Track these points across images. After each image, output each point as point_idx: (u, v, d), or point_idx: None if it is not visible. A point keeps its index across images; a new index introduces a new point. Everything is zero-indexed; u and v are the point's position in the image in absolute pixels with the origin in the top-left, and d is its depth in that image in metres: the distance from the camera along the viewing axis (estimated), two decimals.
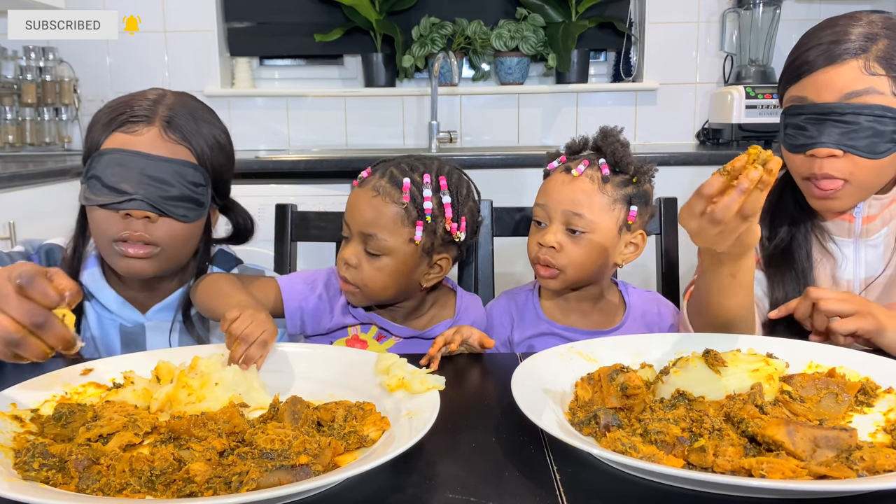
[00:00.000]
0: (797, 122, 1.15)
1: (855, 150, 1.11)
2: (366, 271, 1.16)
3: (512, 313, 1.29)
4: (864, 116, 1.09)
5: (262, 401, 0.86)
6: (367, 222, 1.15)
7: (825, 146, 1.12)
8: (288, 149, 3.11)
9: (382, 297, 1.20)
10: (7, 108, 2.90)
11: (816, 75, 1.13)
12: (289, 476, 0.65)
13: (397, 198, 1.15)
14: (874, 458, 0.67)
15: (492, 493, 0.66)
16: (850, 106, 1.10)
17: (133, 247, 1.09)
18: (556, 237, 1.18)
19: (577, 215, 1.17)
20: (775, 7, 2.89)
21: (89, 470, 0.67)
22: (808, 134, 1.13)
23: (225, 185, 1.21)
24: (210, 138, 1.15)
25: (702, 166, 2.49)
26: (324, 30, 2.99)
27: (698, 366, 0.84)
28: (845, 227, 1.22)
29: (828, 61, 1.12)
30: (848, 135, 1.10)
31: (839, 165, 1.12)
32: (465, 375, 1.02)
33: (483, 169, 2.40)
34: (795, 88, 1.17)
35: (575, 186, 1.18)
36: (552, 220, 1.19)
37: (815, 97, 1.13)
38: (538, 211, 1.22)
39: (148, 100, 1.13)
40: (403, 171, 1.17)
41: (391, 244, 1.15)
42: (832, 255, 1.23)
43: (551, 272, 1.19)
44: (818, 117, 1.12)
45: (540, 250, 1.20)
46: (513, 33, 2.97)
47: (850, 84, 1.10)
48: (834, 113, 1.11)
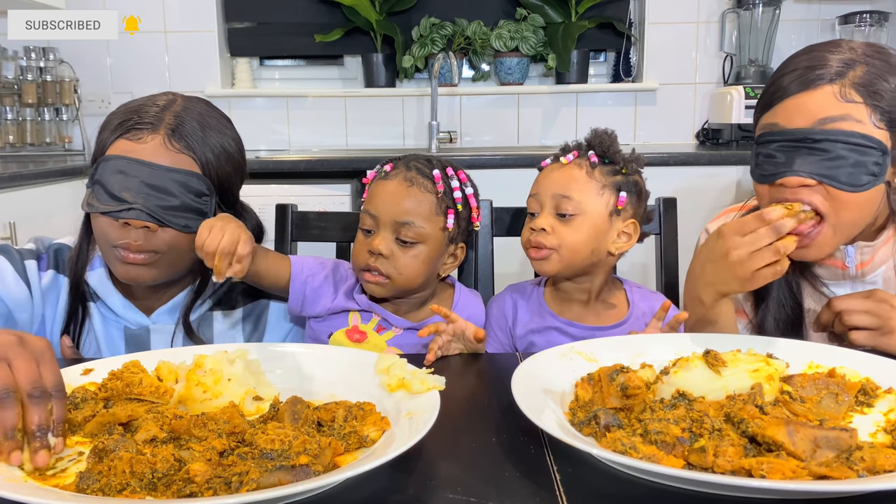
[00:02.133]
0: (768, 150, 1.07)
1: (832, 181, 1.01)
2: (400, 260, 1.18)
3: (516, 305, 1.30)
4: (841, 144, 1.00)
5: (272, 393, 0.87)
6: (403, 211, 1.18)
7: (796, 174, 1.02)
8: (288, 149, 3.11)
9: (412, 285, 1.22)
10: (7, 109, 2.90)
11: (788, 101, 1.05)
12: (289, 476, 0.65)
13: (431, 187, 1.20)
14: (874, 458, 0.67)
15: (492, 493, 0.66)
16: (824, 132, 1.01)
17: (132, 253, 1.08)
18: (547, 220, 1.20)
19: (566, 198, 1.19)
20: (775, 7, 2.89)
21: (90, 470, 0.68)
22: (778, 161, 1.05)
23: (231, 194, 1.20)
24: (217, 147, 1.14)
25: (701, 166, 2.49)
26: (324, 30, 2.99)
27: (698, 366, 0.84)
28: (838, 273, 1.17)
29: (801, 86, 1.04)
30: (823, 164, 1.01)
31: (814, 198, 1.03)
32: (465, 375, 1.02)
33: (483, 169, 2.40)
34: (768, 116, 1.09)
35: (564, 172, 1.22)
36: (543, 207, 1.22)
37: (786, 123, 1.05)
38: (531, 202, 1.25)
39: (157, 106, 1.12)
40: (428, 164, 1.23)
41: (427, 231, 1.19)
42: (826, 298, 1.16)
43: (542, 253, 1.21)
44: (791, 145, 1.04)
45: (531, 234, 1.22)
46: (513, 34, 2.97)
47: (824, 109, 1.02)
48: (808, 139, 1.02)
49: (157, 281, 1.14)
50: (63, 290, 1.18)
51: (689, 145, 3.00)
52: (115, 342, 1.19)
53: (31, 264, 1.16)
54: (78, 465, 0.71)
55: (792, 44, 3.05)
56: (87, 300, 1.18)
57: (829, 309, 1.08)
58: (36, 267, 1.16)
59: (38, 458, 0.68)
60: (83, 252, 1.18)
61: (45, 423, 0.70)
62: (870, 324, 1.03)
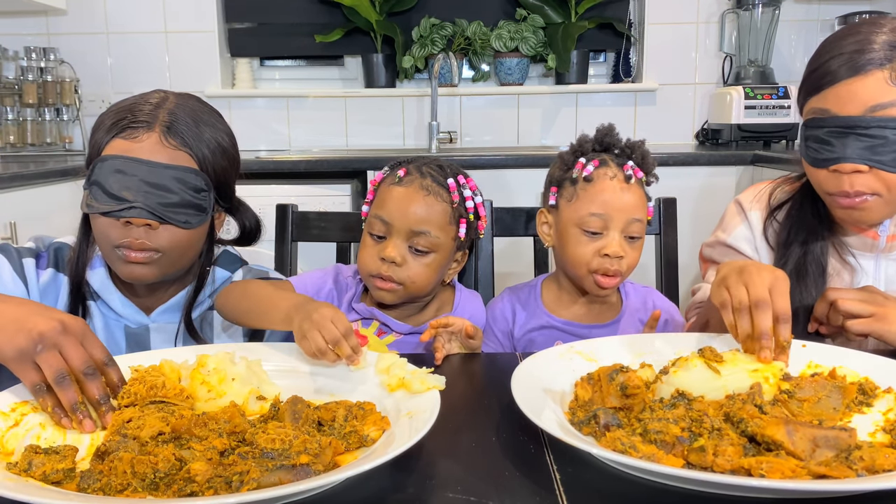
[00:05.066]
0: (819, 135, 1.10)
1: (881, 164, 1.06)
2: (413, 268, 1.18)
3: (514, 307, 1.30)
4: (890, 130, 1.05)
5: (274, 392, 0.87)
6: (420, 220, 1.18)
7: (850, 161, 1.07)
8: (288, 149, 3.11)
9: (422, 292, 1.22)
10: (8, 109, 2.90)
11: (839, 87, 1.08)
12: (289, 476, 0.65)
13: (447, 197, 1.20)
14: (873, 457, 0.67)
15: (492, 493, 0.66)
16: (875, 119, 1.05)
17: (135, 252, 1.08)
18: (621, 245, 1.18)
19: (638, 221, 1.19)
20: (774, 7, 2.89)
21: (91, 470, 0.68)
22: (832, 148, 1.09)
23: (228, 188, 1.21)
24: (212, 142, 1.14)
25: (701, 166, 2.49)
26: (324, 30, 3.00)
27: (698, 366, 0.84)
28: (868, 243, 1.19)
29: (851, 72, 1.07)
30: (873, 149, 1.06)
31: (866, 181, 1.08)
32: (465, 375, 1.02)
33: (483, 169, 2.40)
34: (817, 100, 1.12)
35: (633, 193, 1.20)
36: (610, 229, 1.19)
37: (837, 110, 1.09)
38: (592, 221, 1.19)
39: (150, 104, 1.12)
40: (441, 172, 1.22)
41: (441, 241, 1.19)
42: (851, 269, 1.20)
43: (615, 281, 1.20)
44: (842, 131, 1.08)
45: (605, 260, 1.18)
46: (512, 34, 2.97)
47: (874, 96, 1.05)
48: (858, 126, 1.06)
49: (160, 279, 1.14)
50: (63, 289, 1.18)
51: (689, 145, 3.00)
52: (115, 341, 1.19)
53: (30, 262, 1.16)
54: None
55: (792, 44, 3.05)
56: (87, 299, 1.19)
57: (825, 300, 1.10)
58: (34, 265, 1.16)
59: (106, 420, 0.80)
60: (83, 252, 1.18)
61: (102, 393, 0.81)
62: (864, 310, 1.05)
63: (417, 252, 1.18)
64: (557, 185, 1.26)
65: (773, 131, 2.68)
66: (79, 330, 0.83)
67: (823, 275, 1.19)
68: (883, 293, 1.09)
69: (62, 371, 0.79)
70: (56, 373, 0.79)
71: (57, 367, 0.79)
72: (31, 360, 0.80)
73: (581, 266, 1.21)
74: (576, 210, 1.21)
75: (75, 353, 0.81)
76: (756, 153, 2.47)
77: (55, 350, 0.80)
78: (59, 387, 0.79)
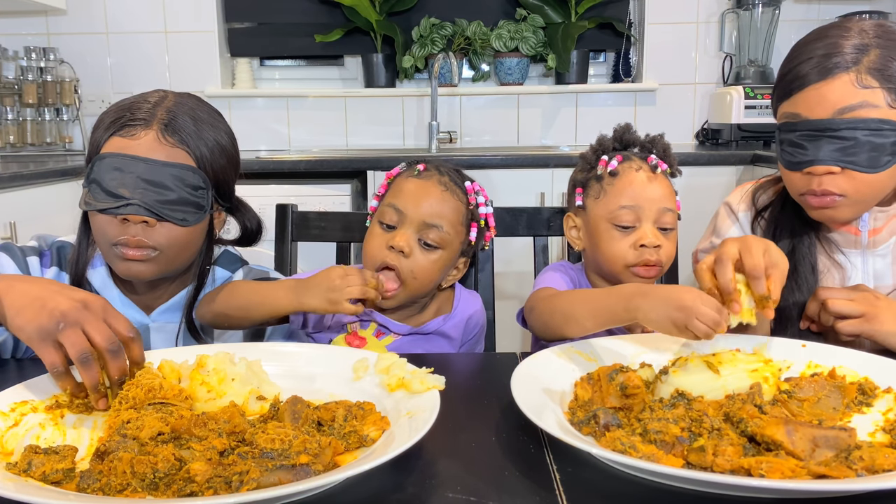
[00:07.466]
0: (792, 138, 1.12)
1: (854, 165, 1.07)
2: (419, 261, 1.17)
3: (567, 283, 1.27)
4: (860, 131, 1.06)
5: (274, 392, 0.87)
6: (434, 213, 1.17)
7: (822, 163, 1.08)
8: (288, 149, 3.11)
9: (422, 291, 1.20)
10: (8, 109, 2.90)
11: (808, 91, 1.09)
12: (289, 476, 0.65)
13: (463, 198, 1.20)
14: (873, 457, 0.67)
15: (492, 493, 0.66)
16: (844, 122, 1.06)
17: (132, 249, 1.08)
18: (657, 236, 1.17)
19: (670, 211, 1.18)
20: (774, 7, 2.89)
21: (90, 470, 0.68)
22: (805, 151, 1.10)
23: (228, 187, 1.21)
24: (211, 140, 1.14)
25: (701, 166, 2.50)
26: (324, 30, 3.00)
27: (698, 365, 0.84)
28: (852, 240, 1.20)
29: (819, 76, 1.08)
30: (845, 150, 1.07)
31: (838, 182, 1.09)
32: (465, 375, 1.02)
33: (483, 169, 2.41)
34: (788, 104, 1.14)
35: (662, 184, 1.20)
36: (642, 220, 1.18)
37: (808, 113, 1.10)
38: (624, 214, 1.18)
39: (148, 102, 1.13)
40: (458, 175, 1.23)
41: (450, 238, 1.19)
42: (840, 266, 1.21)
43: (654, 271, 1.18)
44: (813, 134, 1.09)
45: (643, 251, 1.17)
46: (512, 34, 2.97)
47: (842, 99, 1.07)
48: (829, 129, 1.07)
49: (158, 276, 1.14)
50: None
51: (689, 145, 3.00)
52: None
53: (34, 260, 1.16)
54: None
55: (791, 44, 3.04)
56: None
57: (815, 299, 1.10)
58: (38, 263, 1.17)
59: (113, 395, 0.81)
60: (83, 251, 1.18)
61: (124, 372, 0.83)
62: (853, 311, 1.05)
63: (426, 246, 1.17)
64: (582, 186, 1.25)
65: (773, 131, 2.67)
66: (100, 306, 0.83)
67: (814, 272, 1.20)
68: (874, 292, 1.10)
69: (86, 351, 0.80)
70: (79, 352, 0.79)
71: (80, 345, 0.80)
72: (53, 338, 0.80)
73: (617, 262, 1.19)
74: (605, 206, 1.20)
75: (99, 330, 0.81)
76: (756, 153, 2.47)
77: (77, 327, 0.81)
78: (82, 366, 0.79)
